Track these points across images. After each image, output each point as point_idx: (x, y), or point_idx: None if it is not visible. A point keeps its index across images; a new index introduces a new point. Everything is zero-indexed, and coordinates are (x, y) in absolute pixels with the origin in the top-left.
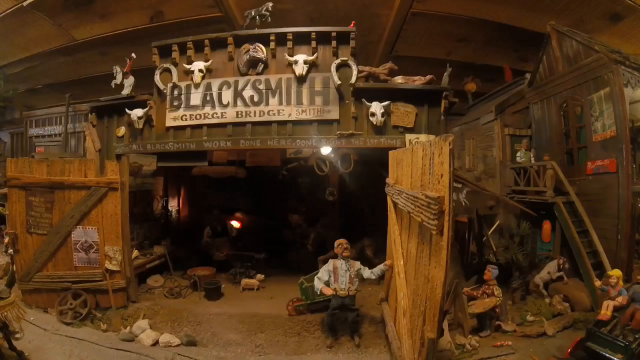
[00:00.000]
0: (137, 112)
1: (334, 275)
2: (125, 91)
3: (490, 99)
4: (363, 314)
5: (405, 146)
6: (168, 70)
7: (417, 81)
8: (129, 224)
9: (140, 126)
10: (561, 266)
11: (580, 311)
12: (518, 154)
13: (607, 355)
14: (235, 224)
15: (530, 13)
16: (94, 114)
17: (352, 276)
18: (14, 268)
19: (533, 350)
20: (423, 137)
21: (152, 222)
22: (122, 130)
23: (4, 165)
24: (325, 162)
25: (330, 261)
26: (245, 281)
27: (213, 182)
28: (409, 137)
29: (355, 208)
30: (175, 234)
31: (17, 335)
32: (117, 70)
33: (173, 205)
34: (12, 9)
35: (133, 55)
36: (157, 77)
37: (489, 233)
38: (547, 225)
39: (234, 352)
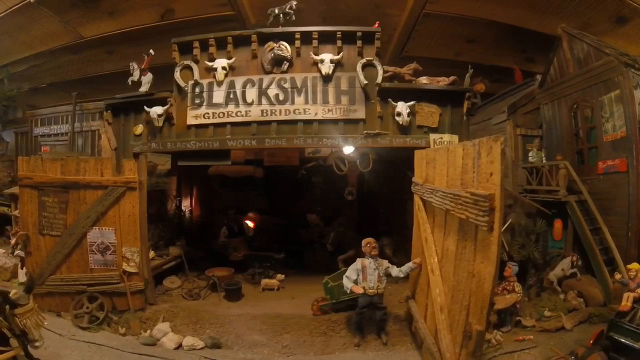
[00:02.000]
0: (156, 110)
1: (363, 273)
2: (143, 88)
3: (500, 99)
4: (387, 312)
5: (429, 146)
6: (188, 68)
7: (441, 82)
8: None
9: (160, 124)
10: (574, 263)
11: (594, 306)
12: (530, 153)
13: (629, 343)
14: (249, 223)
15: (538, 15)
16: (109, 111)
17: (381, 274)
18: (31, 272)
19: (553, 344)
20: (446, 137)
21: (166, 222)
22: (140, 129)
23: (9, 165)
24: (344, 162)
25: (359, 260)
26: (265, 281)
27: (226, 181)
28: (433, 136)
29: (373, 207)
30: (188, 234)
31: (37, 344)
32: (134, 66)
33: (186, 205)
34: (18, 5)
35: (151, 51)
36: (177, 75)
37: (501, 231)
38: (558, 224)
39: (261, 353)
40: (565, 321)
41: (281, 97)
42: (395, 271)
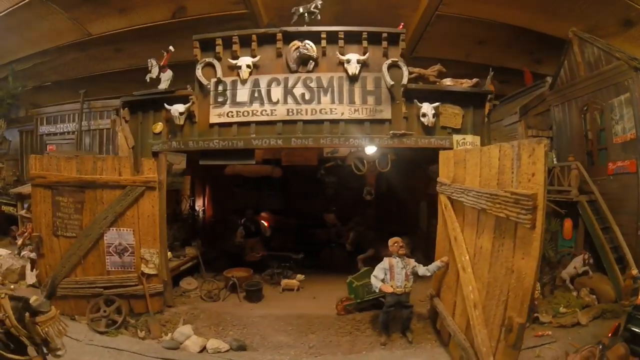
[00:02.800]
0: (178, 108)
1: (390, 273)
2: (163, 85)
3: (510, 100)
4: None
5: (453, 147)
6: (210, 65)
7: (464, 84)
8: None
9: (181, 122)
10: (586, 261)
11: (606, 302)
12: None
13: None
14: (265, 224)
15: (548, 17)
16: (126, 109)
17: (408, 273)
18: (43, 274)
19: (571, 338)
20: (469, 138)
21: (181, 223)
22: (159, 127)
23: (14, 164)
24: (363, 162)
25: (386, 259)
26: (285, 281)
27: (242, 181)
28: (456, 137)
29: (389, 207)
30: (203, 234)
31: (59, 353)
32: (153, 63)
33: (199, 205)
34: (25, 0)
35: (171, 48)
36: (198, 72)
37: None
38: (568, 223)
39: (287, 354)
40: (581, 317)
41: (307, 97)
42: (422, 270)
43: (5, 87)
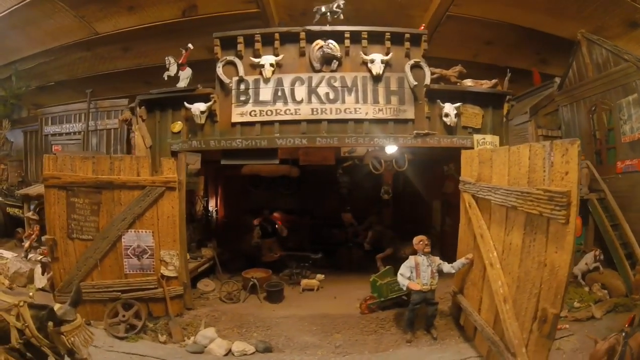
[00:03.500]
0: (199, 107)
1: (416, 270)
2: (182, 84)
3: (518, 100)
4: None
5: (474, 146)
6: (231, 63)
7: (484, 85)
8: None
9: (202, 121)
10: (597, 257)
11: (618, 297)
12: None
13: None
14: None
15: (555, 19)
16: (143, 107)
17: (434, 271)
18: (58, 279)
19: (588, 331)
20: (489, 138)
21: (196, 224)
22: (178, 126)
23: (18, 165)
24: (380, 161)
25: (411, 257)
26: (305, 282)
27: (258, 181)
28: (476, 137)
29: (404, 206)
30: (217, 235)
31: None
32: (171, 61)
33: (212, 205)
34: None
35: (190, 45)
36: (219, 70)
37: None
38: (578, 221)
39: (315, 354)
40: (595, 311)
41: (332, 96)
42: (446, 267)
43: (8, 87)
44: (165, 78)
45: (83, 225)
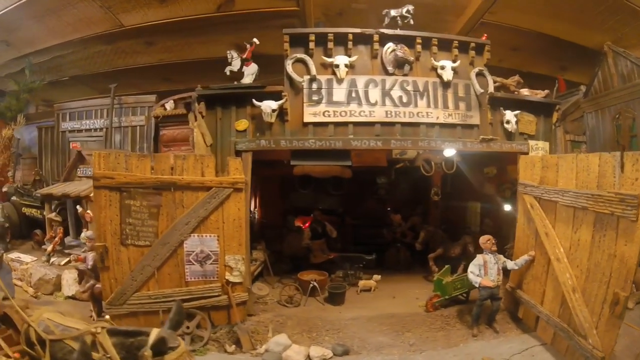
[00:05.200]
0: (270, 105)
1: (484, 268)
2: (246, 80)
3: None
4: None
5: (529, 152)
6: (301, 62)
7: (539, 94)
8: None
9: (272, 120)
10: None
11: None
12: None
13: None
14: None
15: (579, 28)
16: (202, 103)
17: (500, 268)
18: (108, 290)
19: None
20: (541, 144)
21: None
22: (244, 124)
23: (31, 162)
24: (431, 164)
25: (479, 256)
26: (362, 282)
27: (305, 182)
28: (531, 143)
29: (448, 208)
30: (260, 236)
31: None
32: (233, 55)
33: (252, 206)
34: None
35: (255, 40)
36: (289, 68)
37: None
38: None
39: (392, 354)
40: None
41: (405, 100)
42: (510, 264)
43: (22, 80)
44: (228, 73)
45: (140, 231)
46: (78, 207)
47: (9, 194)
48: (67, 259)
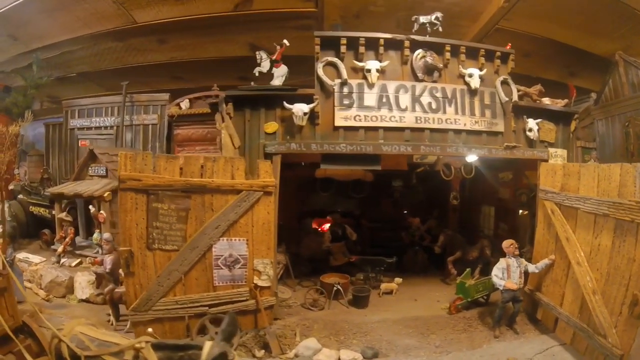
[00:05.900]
0: (302, 107)
1: (508, 271)
2: (276, 82)
3: None
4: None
5: (549, 159)
6: (332, 65)
7: (559, 103)
8: None
9: (303, 123)
10: None
11: None
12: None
13: None
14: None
15: (590, 36)
16: (230, 104)
17: (522, 271)
18: (132, 296)
19: None
20: (559, 152)
21: None
22: (273, 126)
23: (38, 159)
24: (451, 168)
25: (502, 260)
26: (384, 285)
27: (326, 184)
28: (551, 150)
29: (469, 211)
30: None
31: None
32: (263, 56)
33: None
34: None
35: (285, 41)
36: (320, 71)
37: None
38: None
39: (419, 356)
40: None
41: (434, 106)
42: (531, 268)
43: (29, 76)
44: (257, 74)
45: (167, 235)
46: (91, 207)
47: (16, 192)
48: (78, 260)
